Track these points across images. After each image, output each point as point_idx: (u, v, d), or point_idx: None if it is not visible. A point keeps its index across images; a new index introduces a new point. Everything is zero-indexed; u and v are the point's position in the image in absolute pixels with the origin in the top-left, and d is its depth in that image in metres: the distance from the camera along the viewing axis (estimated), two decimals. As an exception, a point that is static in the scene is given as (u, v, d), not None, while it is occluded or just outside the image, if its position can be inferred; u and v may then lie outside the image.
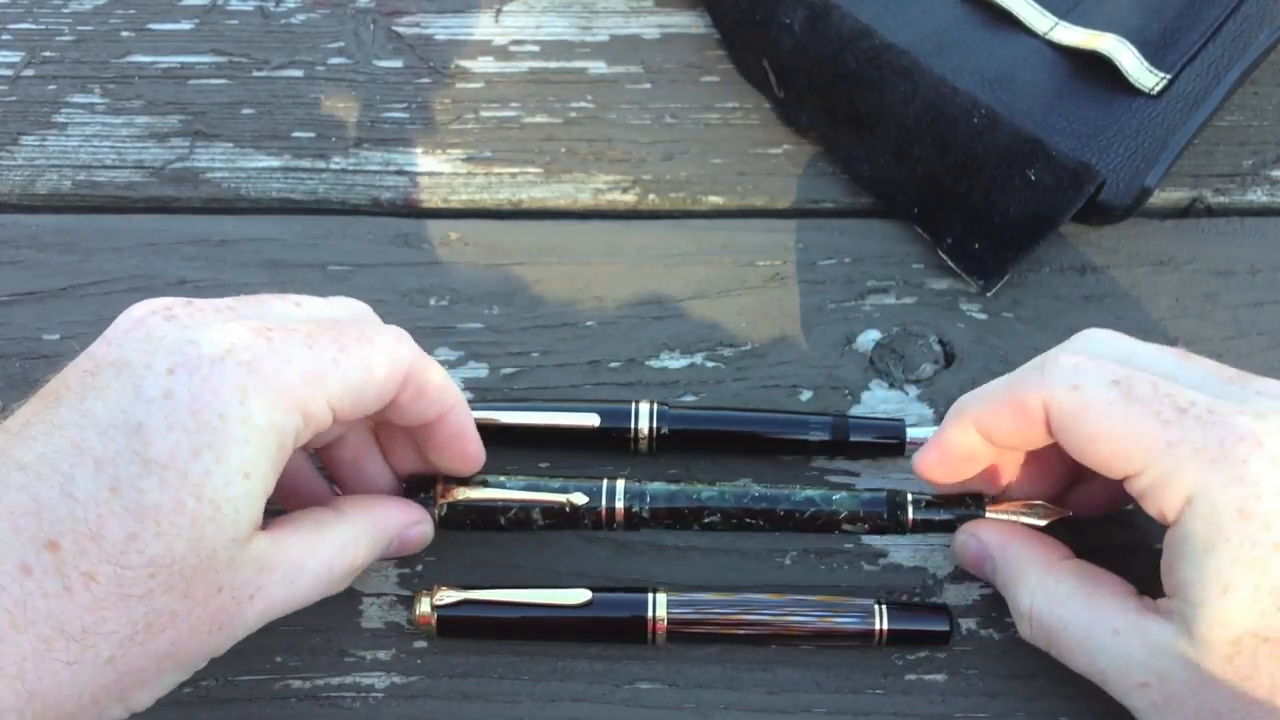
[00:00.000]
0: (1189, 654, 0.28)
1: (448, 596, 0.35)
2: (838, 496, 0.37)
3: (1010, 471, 0.35)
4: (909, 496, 0.36)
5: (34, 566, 0.25)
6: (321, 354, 0.29)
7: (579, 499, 0.36)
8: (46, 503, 0.26)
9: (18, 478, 0.26)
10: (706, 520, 0.37)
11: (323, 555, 0.31)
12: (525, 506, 0.36)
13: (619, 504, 0.36)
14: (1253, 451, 0.27)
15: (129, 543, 0.26)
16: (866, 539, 0.38)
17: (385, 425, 0.35)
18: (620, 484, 0.37)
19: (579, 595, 0.35)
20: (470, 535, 0.37)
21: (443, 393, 0.33)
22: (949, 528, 0.36)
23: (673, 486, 0.37)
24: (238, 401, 0.27)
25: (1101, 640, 0.30)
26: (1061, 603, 0.31)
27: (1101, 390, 0.29)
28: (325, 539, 0.31)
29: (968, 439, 0.33)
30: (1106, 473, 0.30)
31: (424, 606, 0.35)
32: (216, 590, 0.28)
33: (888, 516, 0.36)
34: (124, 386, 0.27)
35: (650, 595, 0.35)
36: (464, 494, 0.36)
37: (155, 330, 0.29)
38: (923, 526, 0.36)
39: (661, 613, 0.35)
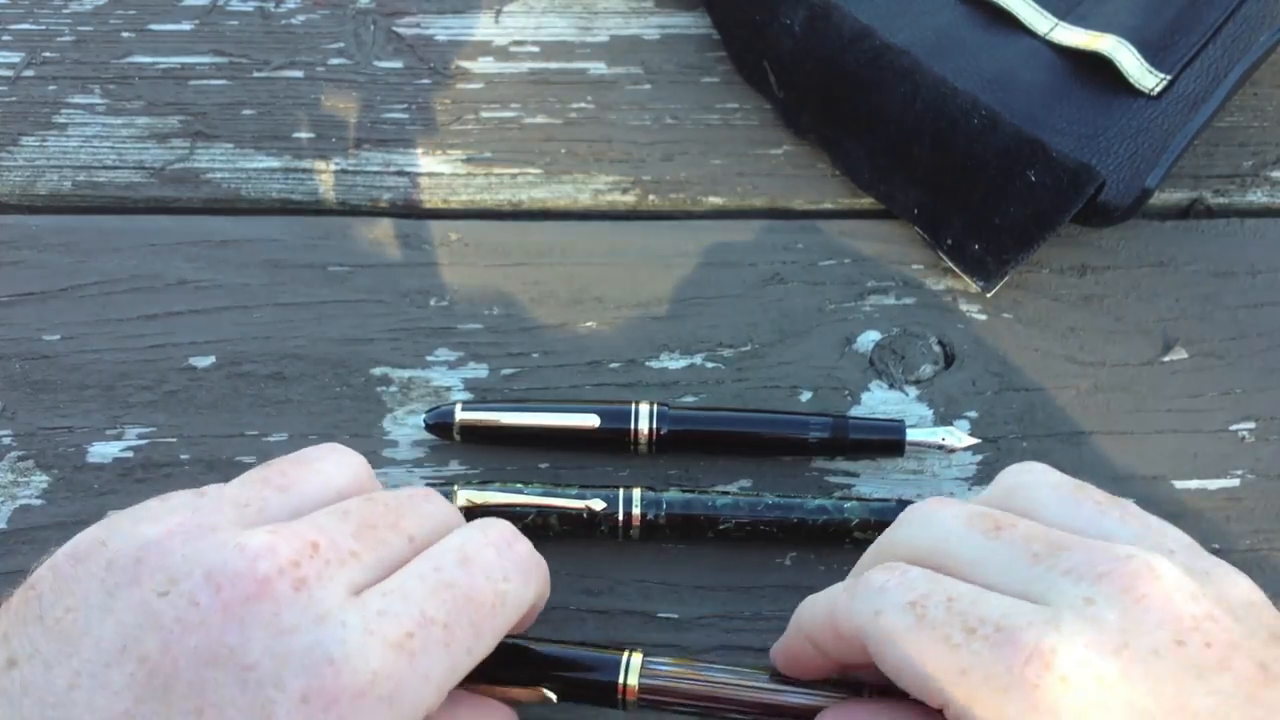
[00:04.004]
0: None
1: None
2: (849, 505, 0.37)
3: None
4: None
5: None
6: (456, 651, 0.25)
7: (597, 505, 0.36)
8: None
9: None
10: (721, 527, 0.37)
11: None
12: (544, 512, 0.36)
13: (636, 510, 0.36)
14: (1041, 675, 0.23)
15: None
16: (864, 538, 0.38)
17: None
18: (636, 492, 0.37)
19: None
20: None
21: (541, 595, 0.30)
22: None
23: (688, 495, 0.37)
24: None
25: None
26: None
27: (898, 616, 0.25)
28: None
29: (806, 650, 0.29)
30: (926, 701, 0.26)
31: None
32: None
33: None
34: (250, 711, 0.22)
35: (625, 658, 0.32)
36: (482, 498, 0.36)
37: (284, 614, 0.23)
38: None
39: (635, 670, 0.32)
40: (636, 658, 0.31)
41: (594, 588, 0.37)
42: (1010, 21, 0.46)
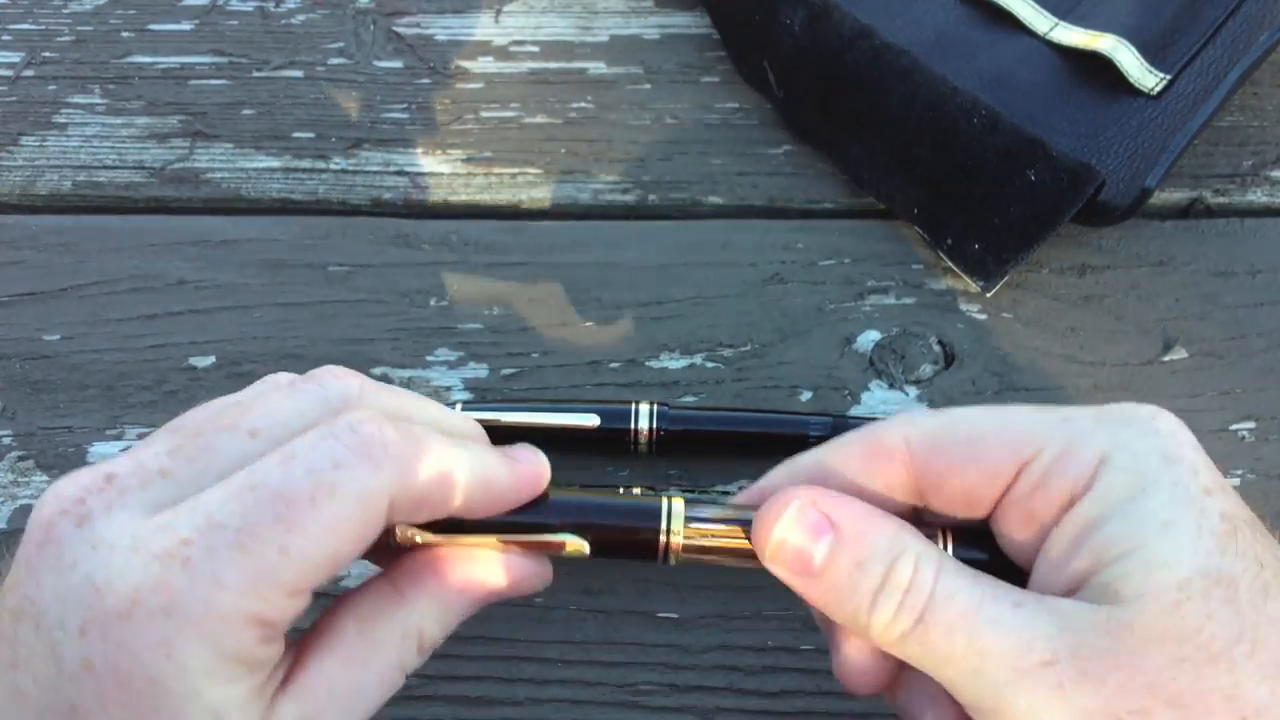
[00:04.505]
0: (1116, 618, 0.23)
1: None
2: None
3: None
4: None
5: None
6: (261, 552, 0.23)
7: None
8: None
9: None
10: None
11: (382, 660, 0.26)
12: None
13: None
14: (1157, 414, 0.26)
15: None
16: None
17: None
18: (636, 491, 0.37)
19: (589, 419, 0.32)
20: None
21: (450, 485, 0.26)
22: None
23: (688, 494, 0.37)
24: (164, 657, 0.22)
25: (996, 612, 0.24)
26: (951, 571, 0.25)
27: (966, 409, 0.27)
28: (380, 643, 0.27)
29: (792, 483, 0.28)
30: (986, 479, 0.26)
31: None
32: None
33: None
34: (45, 656, 0.23)
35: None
36: None
37: (65, 552, 0.23)
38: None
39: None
40: (679, 504, 0.28)
41: (594, 588, 0.37)
42: (1010, 21, 0.46)
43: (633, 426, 0.38)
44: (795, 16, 0.44)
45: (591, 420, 0.38)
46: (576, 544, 0.28)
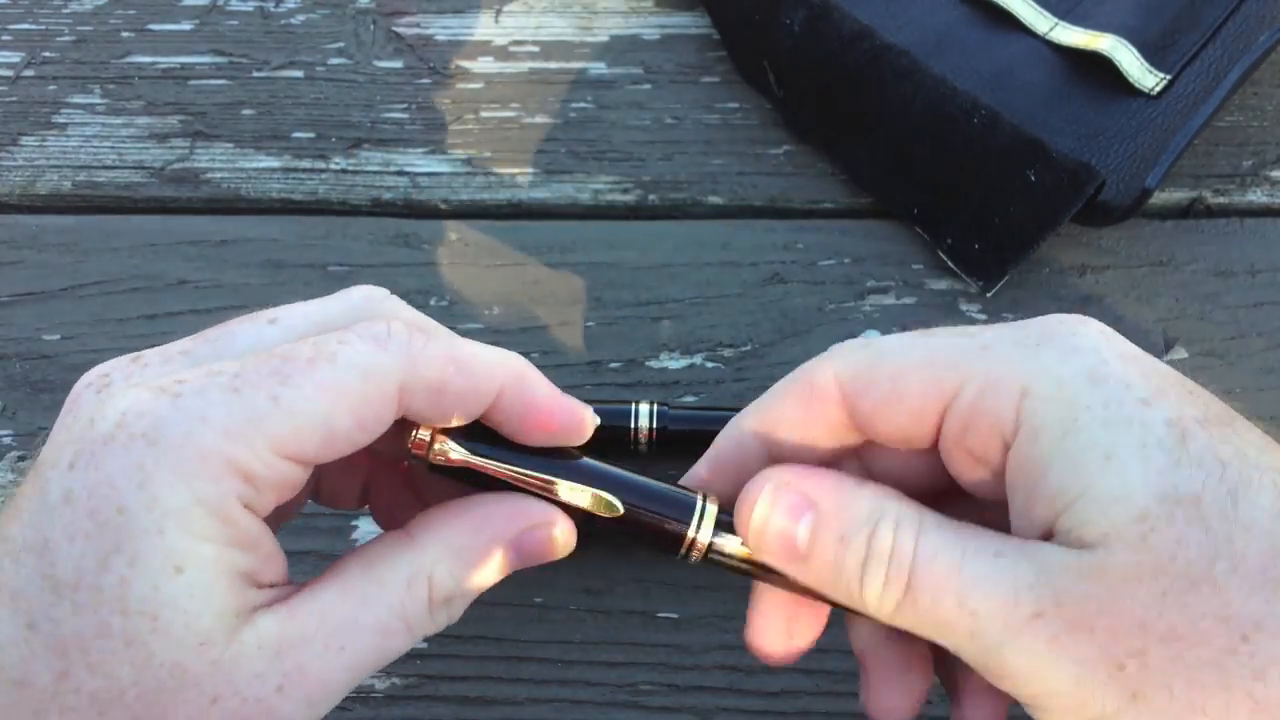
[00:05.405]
0: (1089, 563, 0.22)
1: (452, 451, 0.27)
2: None
3: None
4: None
5: None
6: (252, 396, 0.23)
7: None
8: None
9: None
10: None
11: (383, 603, 0.25)
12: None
13: None
14: (1078, 329, 0.24)
15: (61, 683, 0.22)
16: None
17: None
18: None
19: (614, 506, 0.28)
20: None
21: (477, 373, 0.25)
22: None
23: None
24: (136, 485, 0.22)
25: (979, 567, 0.23)
26: (931, 529, 0.24)
27: (893, 339, 0.26)
28: (382, 581, 0.25)
29: (742, 448, 0.28)
30: (913, 419, 0.25)
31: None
32: (212, 701, 0.23)
33: None
34: (34, 496, 0.23)
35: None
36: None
37: (82, 410, 0.23)
38: None
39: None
40: (713, 507, 0.27)
41: (594, 587, 0.37)
42: (1010, 21, 0.46)
43: (633, 426, 0.38)
44: (795, 16, 0.44)
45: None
46: (609, 501, 0.26)
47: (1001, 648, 0.23)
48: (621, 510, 0.26)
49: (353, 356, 0.24)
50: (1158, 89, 0.43)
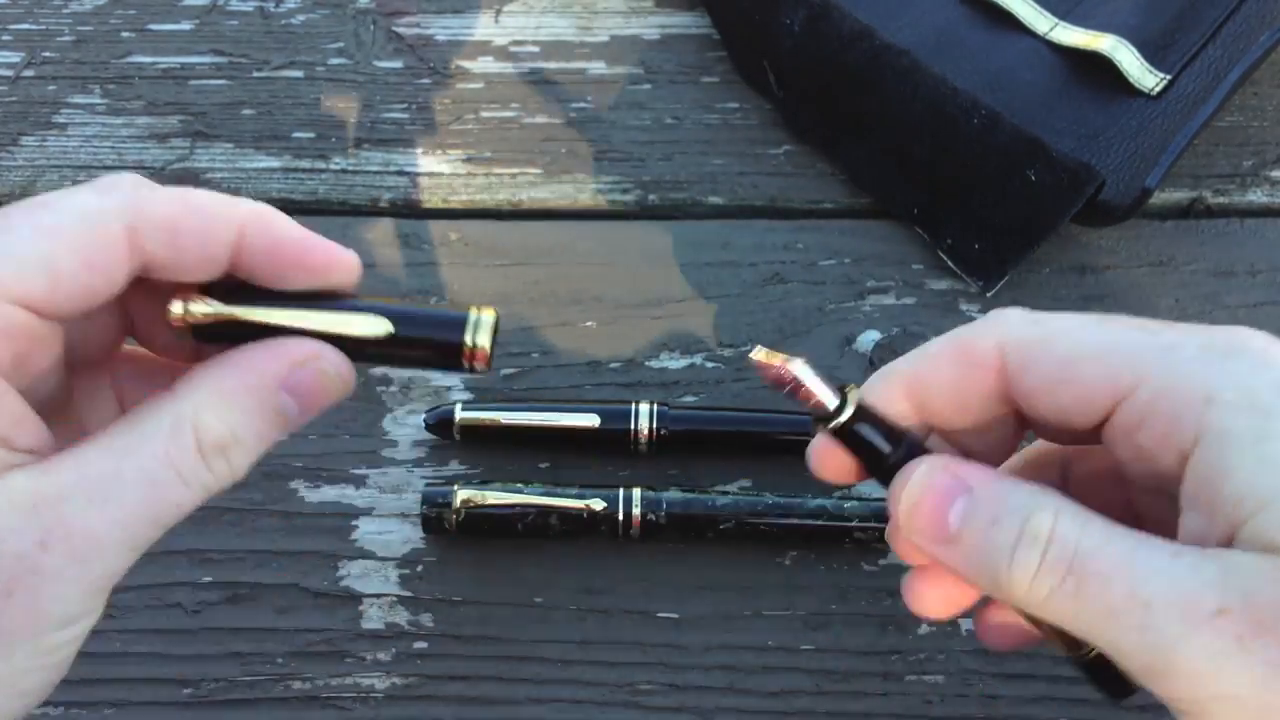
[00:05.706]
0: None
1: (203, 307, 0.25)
2: (849, 505, 0.37)
3: None
4: None
5: None
6: None
7: (598, 505, 0.36)
8: None
9: None
10: (721, 527, 0.37)
11: (145, 452, 0.24)
12: (544, 512, 0.36)
13: (636, 510, 0.36)
14: (1271, 344, 0.24)
15: None
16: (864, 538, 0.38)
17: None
18: (636, 492, 0.37)
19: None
20: (470, 541, 0.37)
21: (210, 212, 0.24)
22: None
23: (688, 495, 0.37)
24: None
25: (1156, 559, 0.22)
26: (1098, 522, 0.24)
27: (1066, 320, 0.26)
28: (143, 433, 0.24)
29: (892, 407, 0.27)
30: (1079, 405, 0.25)
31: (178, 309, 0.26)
32: None
33: None
34: None
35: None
36: (481, 497, 0.36)
37: None
38: None
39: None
40: (489, 315, 0.26)
41: (594, 587, 0.37)
42: (1010, 21, 0.46)
43: (633, 426, 0.38)
44: (795, 16, 0.44)
45: (592, 420, 0.38)
46: (376, 320, 0.25)
47: (1176, 643, 0.22)
48: (392, 328, 0.25)
49: (72, 202, 0.24)
50: (1158, 89, 0.43)
